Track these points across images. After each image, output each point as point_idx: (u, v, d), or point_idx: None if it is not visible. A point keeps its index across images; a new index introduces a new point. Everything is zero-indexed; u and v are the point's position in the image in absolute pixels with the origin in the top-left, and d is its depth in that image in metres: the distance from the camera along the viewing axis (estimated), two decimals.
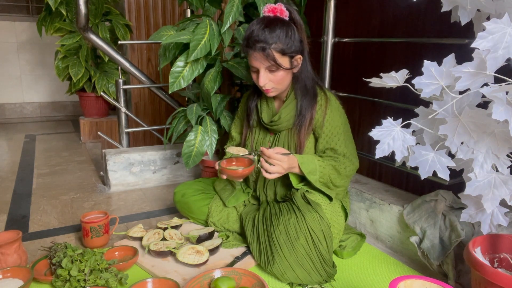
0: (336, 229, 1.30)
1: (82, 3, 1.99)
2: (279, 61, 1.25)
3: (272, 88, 1.32)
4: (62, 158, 2.67)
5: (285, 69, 1.27)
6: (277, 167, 1.24)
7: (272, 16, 1.28)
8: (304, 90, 1.35)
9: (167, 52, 1.73)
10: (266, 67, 1.26)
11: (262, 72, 1.28)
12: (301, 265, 1.17)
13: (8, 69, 4.17)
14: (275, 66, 1.26)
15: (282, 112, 1.37)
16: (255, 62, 1.27)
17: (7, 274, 1.13)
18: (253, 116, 1.48)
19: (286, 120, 1.37)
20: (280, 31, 1.23)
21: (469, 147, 0.97)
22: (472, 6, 1.01)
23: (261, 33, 1.23)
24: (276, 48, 1.23)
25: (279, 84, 1.31)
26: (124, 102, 2.18)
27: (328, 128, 1.34)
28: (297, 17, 1.30)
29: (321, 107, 1.35)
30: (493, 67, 0.85)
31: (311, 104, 1.35)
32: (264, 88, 1.31)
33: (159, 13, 3.01)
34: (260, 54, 1.24)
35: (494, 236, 1.05)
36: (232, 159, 1.38)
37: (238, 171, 1.29)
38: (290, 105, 1.37)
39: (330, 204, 1.33)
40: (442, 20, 1.54)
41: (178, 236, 1.43)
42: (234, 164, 1.37)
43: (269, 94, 1.34)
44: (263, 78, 1.28)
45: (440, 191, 1.31)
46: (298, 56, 1.29)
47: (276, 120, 1.38)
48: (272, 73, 1.28)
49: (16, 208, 1.79)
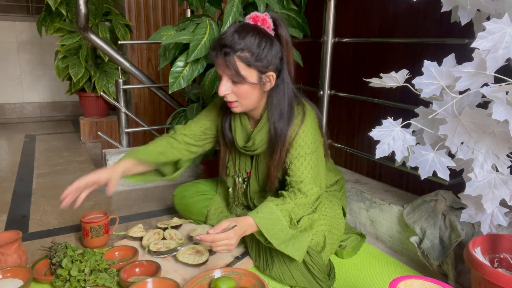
0: (335, 235, 1.29)
1: (82, 3, 1.99)
2: (242, 72, 1.10)
3: (236, 102, 1.17)
4: (62, 158, 2.67)
5: (250, 83, 1.12)
6: (225, 247, 1.07)
7: (252, 23, 1.14)
8: (278, 113, 1.19)
9: (167, 52, 1.73)
10: (229, 76, 1.12)
11: (224, 80, 1.13)
12: (299, 271, 1.16)
13: (8, 69, 4.16)
14: (237, 77, 1.10)
15: (256, 137, 1.24)
16: (217, 68, 1.14)
17: (7, 274, 1.13)
18: (228, 133, 1.34)
19: (261, 145, 1.25)
20: (252, 39, 1.08)
21: (469, 147, 0.97)
22: (472, 6, 1.01)
23: (229, 37, 1.09)
24: (242, 57, 1.08)
25: (243, 98, 1.15)
26: (124, 102, 2.18)
27: (297, 149, 1.20)
28: (284, 32, 1.16)
29: (295, 126, 1.20)
30: (493, 67, 0.85)
31: (284, 130, 1.19)
32: (226, 100, 1.17)
33: (159, 13, 3.01)
34: (223, 60, 1.10)
35: (494, 236, 1.05)
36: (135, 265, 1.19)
37: None
38: (263, 128, 1.23)
39: (331, 209, 1.31)
40: (442, 20, 1.54)
41: (178, 236, 1.43)
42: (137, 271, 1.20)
43: (234, 109, 1.19)
44: (223, 87, 1.13)
45: (440, 191, 1.31)
46: (270, 73, 1.14)
47: (249, 146, 1.27)
48: (235, 85, 1.13)
49: (16, 208, 1.79)
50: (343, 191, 1.50)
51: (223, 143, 1.38)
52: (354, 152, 1.83)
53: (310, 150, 1.20)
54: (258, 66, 1.10)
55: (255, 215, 1.13)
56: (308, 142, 1.20)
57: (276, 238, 1.12)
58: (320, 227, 1.23)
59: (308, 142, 1.20)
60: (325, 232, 1.23)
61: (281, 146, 1.20)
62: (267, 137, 1.23)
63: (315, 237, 1.21)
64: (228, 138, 1.34)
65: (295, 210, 1.18)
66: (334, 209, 1.33)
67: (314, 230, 1.20)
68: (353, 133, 2.35)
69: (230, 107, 1.19)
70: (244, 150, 1.30)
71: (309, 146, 1.20)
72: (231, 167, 1.40)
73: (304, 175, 1.20)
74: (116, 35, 2.91)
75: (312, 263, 1.15)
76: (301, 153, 1.20)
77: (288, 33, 1.17)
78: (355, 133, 2.34)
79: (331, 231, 1.27)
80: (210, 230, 1.06)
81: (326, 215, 1.27)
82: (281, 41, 1.16)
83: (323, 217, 1.26)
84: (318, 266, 1.15)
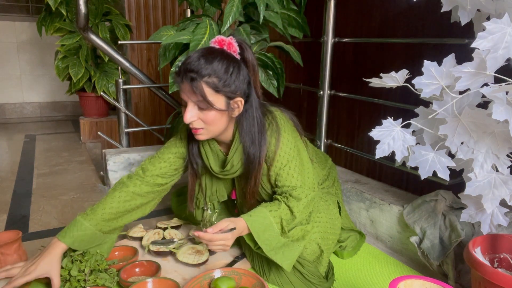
0: (331, 240, 1.27)
1: (82, 3, 1.99)
2: (209, 98, 1.05)
3: (202, 129, 1.11)
4: (62, 158, 2.67)
5: (217, 109, 1.07)
6: (221, 247, 1.07)
7: (217, 48, 1.10)
8: (250, 139, 1.15)
9: (167, 52, 1.73)
10: (195, 102, 1.06)
11: (190, 107, 1.07)
12: (296, 277, 1.16)
13: (8, 69, 4.16)
14: (204, 103, 1.05)
15: (233, 159, 1.20)
16: (183, 94, 1.08)
17: None
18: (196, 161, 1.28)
19: (240, 166, 1.21)
20: (219, 64, 1.04)
21: (469, 147, 0.97)
22: (472, 6, 1.01)
23: (195, 62, 1.04)
24: (209, 82, 1.04)
25: (210, 125, 1.10)
26: (124, 102, 2.18)
27: (276, 159, 1.17)
28: (250, 56, 1.13)
29: (272, 147, 1.17)
30: (493, 67, 0.85)
31: (258, 145, 1.16)
32: (191, 127, 1.11)
33: (159, 13, 3.01)
34: (189, 86, 1.04)
35: (494, 236, 1.05)
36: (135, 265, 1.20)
37: None
38: (238, 149, 1.19)
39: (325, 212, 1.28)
40: (442, 20, 1.54)
41: (178, 236, 1.43)
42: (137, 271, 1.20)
43: (198, 136, 1.13)
44: (189, 113, 1.07)
45: (440, 191, 1.31)
46: (238, 98, 1.10)
47: (228, 169, 1.22)
48: (202, 111, 1.07)
49: (16, 208, 1.79)
50: (336, 185, 1.47)
51: (191, 173, 1.30)
52: (354, 152, 1.83)
53: (291, 157, 1.18)
54: (226, 92, 1.06)
55: (248, 218, 1.11)
56: (288, 151, 1.17)
57: (267, 244, 1.11)
58: (314, 235, 1.21)
59: (288, 150, 1.17)
60: (318, 240, 1.21)
61: (256, 172, 1.18)
62: (243, 158, 1.19)
63: (309, 245, 1.20)
64: (199, 165, 1.29)
65: (288, 217, 1.16)
66: (329, 209, 1.30)
67: (306, 241, 1.19)
68: (353, 133, 2.35)
69: (194, 133, 1.13)
70: (222, 175, 1.25)
71: (290, 154, 1.18)
72: (201, 198, 1.37)
73: (293, 182, 1.17)
74: (116, 35, 2.91)
75: (306, 271, 1.15)
76: (284, 163, 1.17)
77: (254, 57, 1.14)
78: (355, 133, 2.34)
79: (326, 238, 1.24)
80: (208, 229, 1.06)
81: (320, 222, 1.24)
82: (248, 65, 1.13)
83: (317, 224, 1.23)
84: (311, 274, 1.15)
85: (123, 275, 1.15)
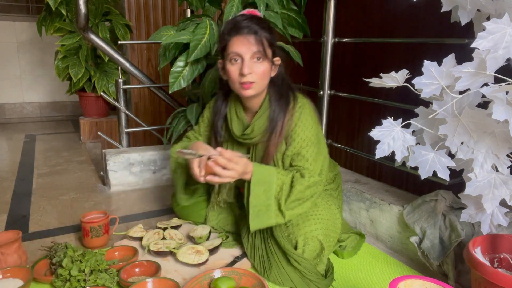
0: (332, 238, 1.26)
1: (82, 3, 1.99)
2: (266, 50, 1.18)
3: (253, 84, 1.19)
4: (62, 158, 2.67)
5: (269, 60, 1.20)
6: (231, 172, 1.13)
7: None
8: (278, 95, 1.26)
9: (167, 52, 1.73)
10: (253, 52, 1.16)
11: (247, 59, 1.16)
12: (298, 276, 1.16)
13: (8, 69, 4.16)
14: (261, 54, 1.17)
15: (256, 123, 1.27)
16: (241, 47, 1.16)
17: (7, 274, 1.13)
18: (220, 131, 1.37)
19: (260, 132, 1.28)
20: (266, 25, 1.20)
21: (469, 147, 0.97)
22: (472, 6, 1.01)
23: (250, 20, 1.18)
24: (266, 36, 1.18)
25: (260, 79, 1.20)
26: (124, 102, 2.18)
27: (297, 140, 1.24)
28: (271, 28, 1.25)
29: (293, 116, 1.25)
30: (493, 67, 0.85)
31: (283, 112, 1.25)
32: (245, 80, 1.18)
33: (159, 13, 3.01)
34: (250, 38, 1.16)
35: (494, 236, 1.05)
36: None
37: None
38: (264, 115, 1.27)
39: (327, 210, 1.28)
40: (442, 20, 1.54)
41: (178, 236, 1.43)
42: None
43: (248, 91, 1.20)
44: (247, 66, 1.16)
45: (440, 191, 1.31)
46: (277, 58, 1.24)
47: (248, 133, 1.29)
48: (256, 64, 1.18)
49: (16, 208, 1.79)
50: (339, 190, 1.49)
51: (214, 140, 1.39)
52: (354, 152, 1.83)
53: (311, 142, 1.25)
54: (274, 47, 1.21)
55: (257, 165, 1.20)
56: (310, 136, 1.25)
57: (256, 197, 1.18)
58: (316, 231, 1.20)
59: (310, 136, 1.25)
60: (319, 237, 1.20)
61: (275, 141, 1.26)
62: (266, 124, 1.26)
63: (311, 242, 1.19)
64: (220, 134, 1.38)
65: (287, 187, 1.21)
66: (331, 209, 1.30)
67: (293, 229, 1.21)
68: (353, 133, 2.35)
69: (245, 88, 1.20)
70: (242, 139, 1.32)
71: (311, 139, 1.25)
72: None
73: (305, 165, 1.24)
74: (116, 35, 2.91)
75: (302, 268, 1.16)
76: (303, 146, 1.24)
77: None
78: (355, 133, 2.34)
79: (328, 235, 1.23)
80: (220, 151, 1.13)
81: (322, 219, 1.24)
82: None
83: (319, 221, 1.23)
84: (308, 271, 1.16)
85: (123, 275, 1.15)
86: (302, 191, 1.20)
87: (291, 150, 1.25)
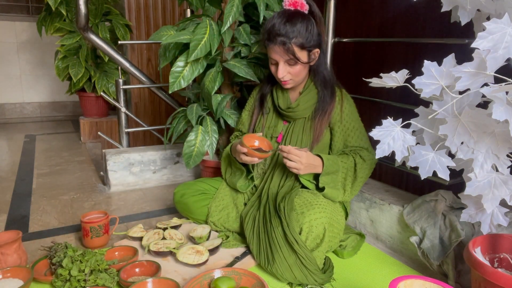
0: (336, 229, 1.29)
1: (82, 3, 1.99)
2: (298, 55, 1.28)
3: (290, 80, 1.36)
4: (62, 158, 2.67)
5: (303, 63, 1.32)
6: (295, 163, 1.25)
7: (293, 9, 1.31)
8: (324, 81, 1.40)
9: (167, 52, 1.73)
10: (285, 60, 1.31)
11: (281, 65, 1.32)
12: (298, 267, 1.17)
13: (8, 69, 4.17)
14: (293, 60, 1.30)
15: (301, 100, 1.40)
16: (275, 55, 1.31)
17: (7, 274, 1.13)
18: (266, 103, 1.50)
19: (304, 108, 1.40)
20: (301, 26, 1.27)
21: (469, 147, 0.97)
22: (472, 6, 1.01)
23: (283, 27, 1.26)
24: (296, 42, 1.27)
25: (296, 76, 1.35)
26: (124, 102, 2.18)
27: (346, 124, 1.39)
28: (317, 10, 1.34)
29: (339, 102, 1.40)
30: (493, 67, 0.85)
31: (331, 97, 1.39)
32: (282, 80, 1.36)
33: (159, 13, 3.01)
34: (281, 48, 1.28)
35: (494, 236, 1.05)
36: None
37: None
38: (309, 93, 1.41)
39: (330, 204, 1.32)
40: (442, 20, 1.54)
41: (178, 236, 1.43)
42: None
43: (287, 85, 1.38)
44: (282, 71, 1.32)
45: (440, 191, 1.31)
46: (316, 50, 1.33)
47: (294, 107, 1.41)
48: (291, 66, 1.32)
49: (16, 208, 1.79)
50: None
51: (257, 111, 1.53)
52: None
53: (358, 123, 1.42)
54: (308, 47, 1.30)
55: (325, 156, 1.31)
56: (355, 118, 1.42)
57: (326, 182, 1.32)
58: (321, 219, 1.23)
59: (355, 118, 1.42)
60: (325, 224, 1.23)
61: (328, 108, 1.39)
62: (313, 101, 1.40)
63: (315, 228, 1.21)
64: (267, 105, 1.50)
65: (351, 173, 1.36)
66: (335, 205, 1.35)
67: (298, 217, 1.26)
68: None
69: (284, 84, 1.37)
70: (286, 112, 1.43)
71: (357, 121, 1.42)
72: (259, 130, 1.52)
73: (361, 143, 1.40)
74: (116, 35, 2.91)
75: (302, 253, 1.17)
76: (353, 125, 1.40)
77: (318, 10, 1.36)
78: None
79: (332, 224, 1.26)
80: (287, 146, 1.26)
81: (326, 209, 1.26)
82: (316, 19, 1.33)
83: (323, 210, 1.26)
84: (308, 258, 1.17)
85: (123, 275, 1.15)
86: (368, 174, 1.39)
87: (341, 128, 1.40)
